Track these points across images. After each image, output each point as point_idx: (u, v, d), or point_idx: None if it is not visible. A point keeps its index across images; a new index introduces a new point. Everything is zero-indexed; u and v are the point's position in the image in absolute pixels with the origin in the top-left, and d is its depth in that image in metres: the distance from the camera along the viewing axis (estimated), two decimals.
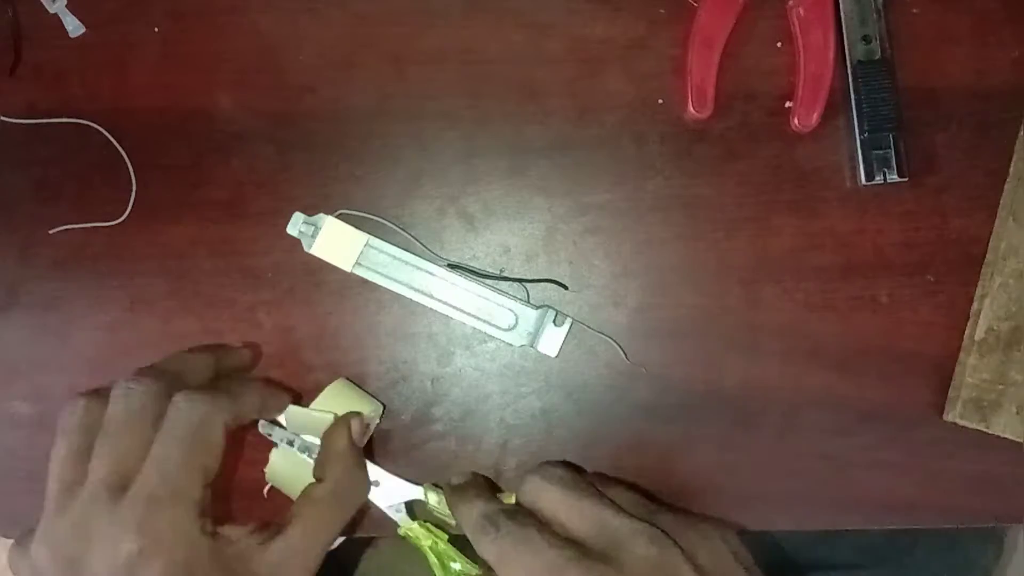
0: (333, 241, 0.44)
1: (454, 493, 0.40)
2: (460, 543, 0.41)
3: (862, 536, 0.62)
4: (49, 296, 0.46)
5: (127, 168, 0.46)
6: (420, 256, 0.45)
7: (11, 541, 0.40)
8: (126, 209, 0.45)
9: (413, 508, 0.43)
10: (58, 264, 0.46)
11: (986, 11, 0.46)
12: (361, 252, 0.44)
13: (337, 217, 0.44)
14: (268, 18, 0.46)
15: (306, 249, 0.44)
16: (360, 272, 0.44)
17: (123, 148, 0.45)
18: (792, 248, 0.45)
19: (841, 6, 0.45)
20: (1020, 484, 0.45)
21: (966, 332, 0.45)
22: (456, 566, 0.41)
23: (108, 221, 0.46)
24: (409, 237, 0.45)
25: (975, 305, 0.45)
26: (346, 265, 0.44)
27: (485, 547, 0.36)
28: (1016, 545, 0.71)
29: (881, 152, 0.44)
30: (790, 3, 0.45)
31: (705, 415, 0.45)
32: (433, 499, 0.42)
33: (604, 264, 0.45)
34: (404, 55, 0.46)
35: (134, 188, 0.46)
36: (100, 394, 0.38)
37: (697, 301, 0.45)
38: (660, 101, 0.46)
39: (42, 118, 0.46)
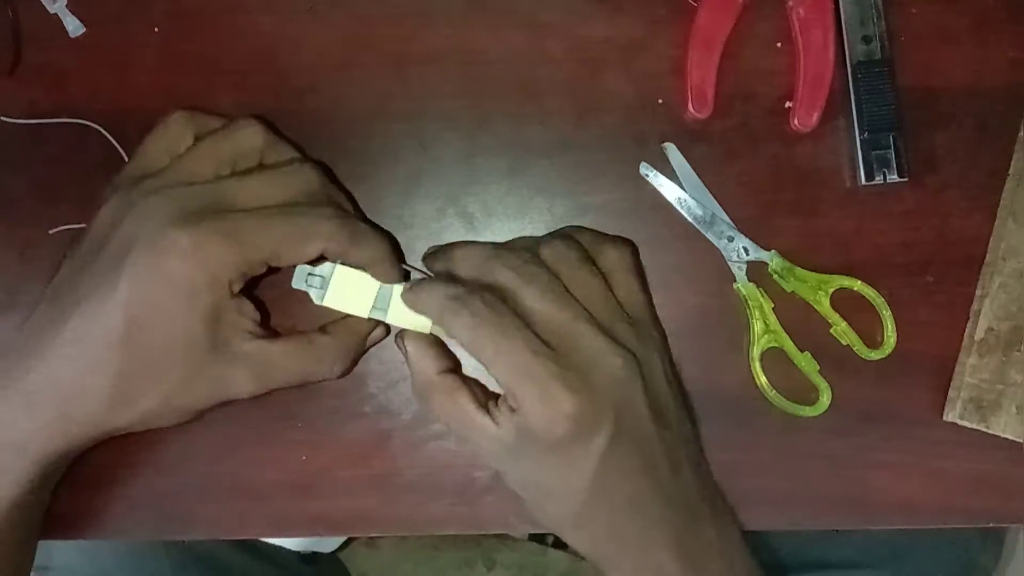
0: (345, 290, 0.41)
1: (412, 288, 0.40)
2: None
3: (862, 536, 0.62)
4: None
5: None
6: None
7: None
8: None
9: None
10: (58, 264, 0.46)
11: (986, 11, 0.46)
12: (376, 296, 0.42)
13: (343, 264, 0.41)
14: (268, 18, 0.46)
15: (316, 302, 0.41)
16: (376, 315, 0.41)
17: (123, 148, 0.45)
18: (792, 248, 0.45)
19: (841, 6, 0.45)
20: (1020, 484, 0.45)
21: (966, 332, 0.45)
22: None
23: None
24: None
25: (975, 305, 0.45)
26: (363, 312, 0.42)
27: (456, 327, 0.37)
28: (1016, 545, 0.71)
29: (881, 152, 0.44)
30: (790, 3, 0.45)
31: (705, 415, 0.45)
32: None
33: None
34: (404, 55, 0.46)
35: None
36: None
37: (697, 301, 0.45)
38: (660, 101, 0.46)
39: (42, 118, 0.46)
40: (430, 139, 0.46)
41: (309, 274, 0.41)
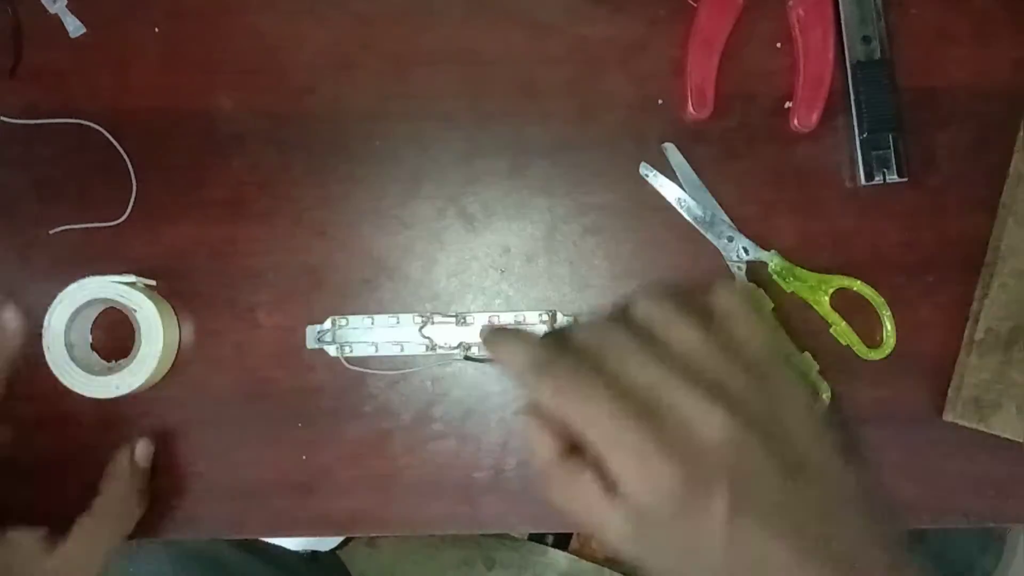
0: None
1: (494, 335, 0.36)
2: None
3: None
4: (49, 296, 0.46)
5: (127, 168, 0.46)
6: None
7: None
8: (126, 209, 0.46)
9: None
10: (58, 264, 0.46)
11: (986, 11, 0.46)
12: None
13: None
14: (268, 18, 0.46)
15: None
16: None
17: (123, 148, 0.46)
18: (792, 248, 0.45)
19: (841, 6, 0.45)
20: (1020, 484, 0.45)
21: (966, 332, 0.45)
22: None
23: (108, 221, 0.46)
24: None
25: (975, 305, 0.45)
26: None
27: (539, 392, 0.34)
28: (1017, 546, 0.71)
29: (881, 152, 0.44)
30: (790, 3, 0.45)
31: None
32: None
33: (604, 264, 0.45)
34: (404, 55, 0.46)
35: (134, 188, 0.46)
36: None
37: None
38: (660, 101, 0.46)
39: (42, 118, 0.46)
40: (430, 139, 0.46)
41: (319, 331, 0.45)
